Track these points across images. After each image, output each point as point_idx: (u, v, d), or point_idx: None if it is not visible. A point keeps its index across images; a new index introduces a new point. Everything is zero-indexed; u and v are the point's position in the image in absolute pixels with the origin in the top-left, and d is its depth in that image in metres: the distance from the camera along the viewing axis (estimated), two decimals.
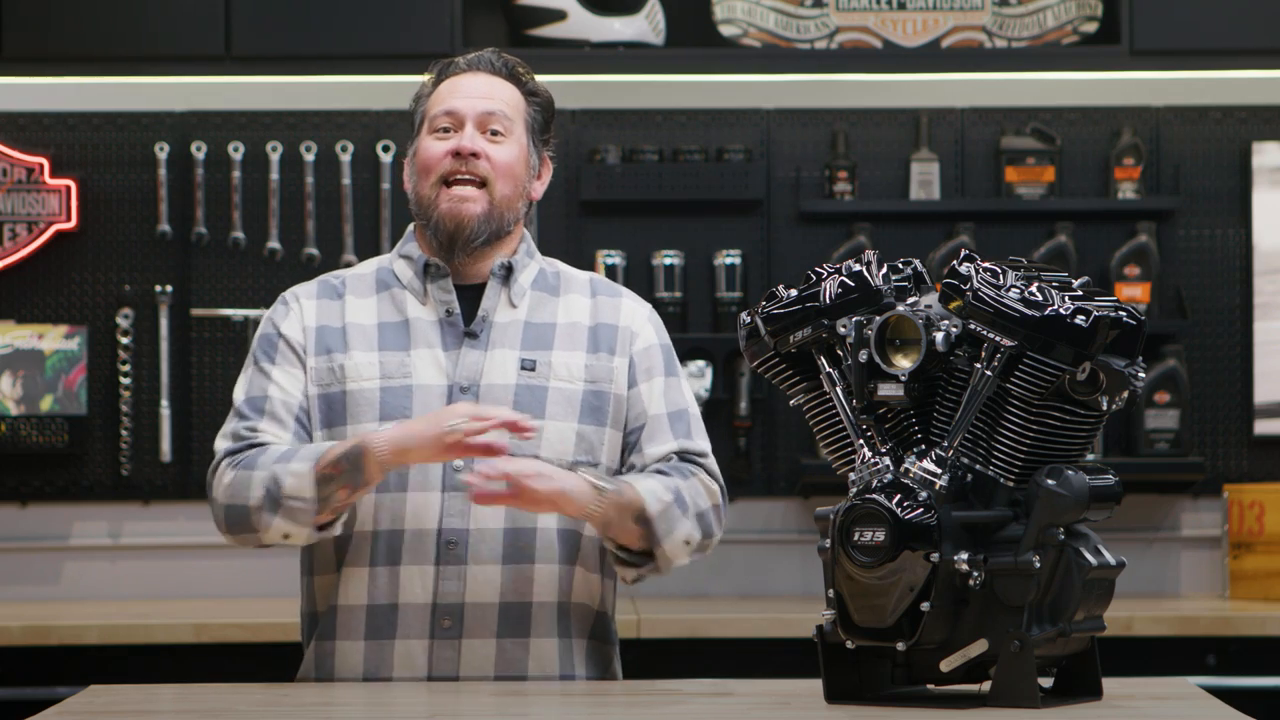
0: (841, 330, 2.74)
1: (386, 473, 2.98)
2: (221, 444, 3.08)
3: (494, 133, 3.11)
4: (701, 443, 3.15)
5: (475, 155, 3.08)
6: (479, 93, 3.12)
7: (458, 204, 3.08)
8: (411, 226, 3.20)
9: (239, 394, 3.12)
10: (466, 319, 3.11)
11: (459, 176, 3.09)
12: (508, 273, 3.13)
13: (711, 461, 3.15)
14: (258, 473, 3.00)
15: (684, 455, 3.13)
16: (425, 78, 3.19)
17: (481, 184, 3.09)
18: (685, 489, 3.07)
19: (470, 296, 3.13)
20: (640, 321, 3.18)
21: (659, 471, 3.09)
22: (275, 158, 5.52)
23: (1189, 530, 5.59)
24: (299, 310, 3.14)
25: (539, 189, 3.19)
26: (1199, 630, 4.92)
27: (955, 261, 2.72)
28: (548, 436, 3.05)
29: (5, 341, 5.45)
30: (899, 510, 2.64)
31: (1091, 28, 5.43)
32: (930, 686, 2.77)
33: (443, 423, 2.93)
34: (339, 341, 3.10)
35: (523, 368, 3.08)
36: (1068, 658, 2.75)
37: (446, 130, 3.11)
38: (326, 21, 5.28)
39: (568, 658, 3.09)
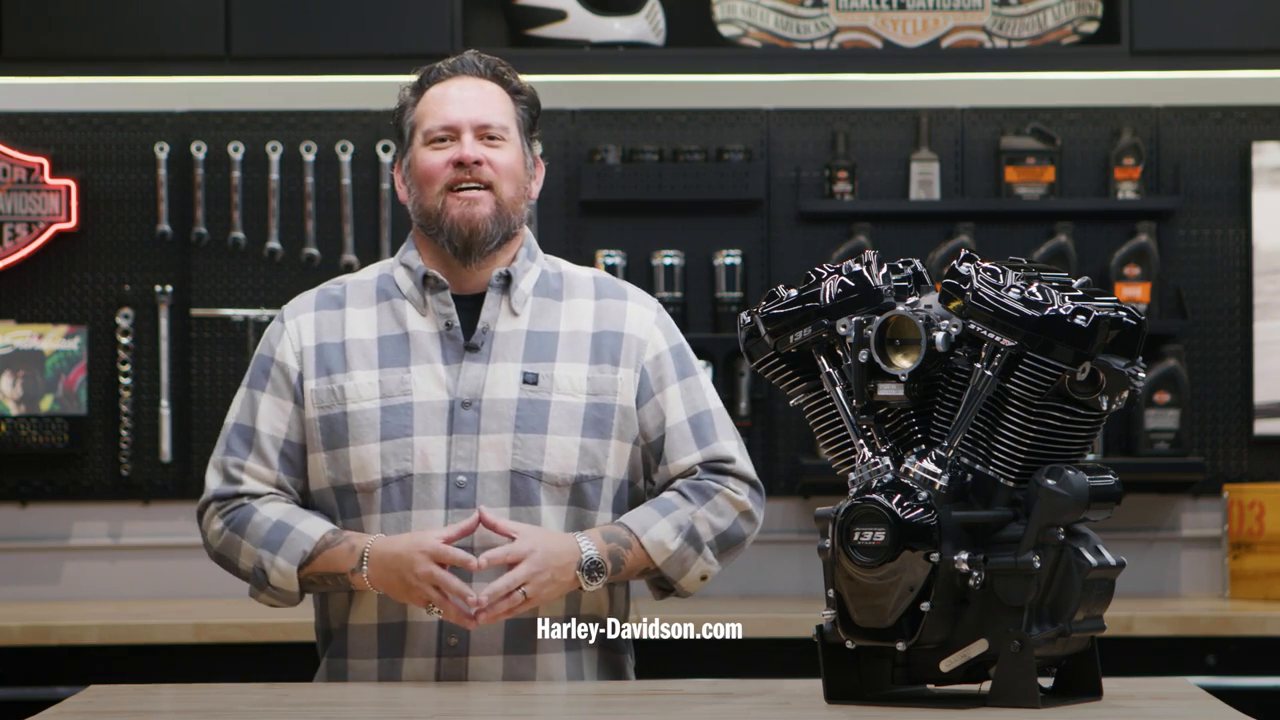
0: (841, 330, 2.74)
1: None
2: (212, 479, 3.12)
3: (491, 139, 3.10)
4: (727, 444, 3.15)
5: (478, 163, 3.08)
6: (471, 100, 3.11)
7: (468, 207, 3.07)
8: (412, 233, 3.18)
9: (231, 415, 3.15)
10: (467, 331, 3.10)
11: (464, 183, 3.08)
12: (506, 281, 3.12)
13: (740, 463, 3.16)
14: (245, 544, 3.06)
15: (710, 464, 3.13)
16: (403, 88, 3.16)
17: (487, 187, 3.09)
18: (700, 519, 3.08)
19: (471, 306, 3.11)
20: (648, 328, 3.16)
21: (679, 492, 3.10)
22: (275, 158, 5.52)
23: (1189, 530, 5.59)
24: (296, 330, 3.13)
25: (536, 189, 3.18)
26: (1199, 630, 4.91)
27: (955, 261, 2.72)
28: (551, 451, 3.05)
29: (5, 341, 5.44)
30: (899, 510, 2.64)
31: (1091, 28, 5.42)
32: (930, 686, 2.77)
33: (406, 578, 2.95)
34: (339, 360, 3.10)
35: (525, 381, 3.07)
36: (1068, 658, 2.74)
37: (443, 140, 3.10)
38: (326, 21, 5.28)
39: (576, 669, 3.09)
